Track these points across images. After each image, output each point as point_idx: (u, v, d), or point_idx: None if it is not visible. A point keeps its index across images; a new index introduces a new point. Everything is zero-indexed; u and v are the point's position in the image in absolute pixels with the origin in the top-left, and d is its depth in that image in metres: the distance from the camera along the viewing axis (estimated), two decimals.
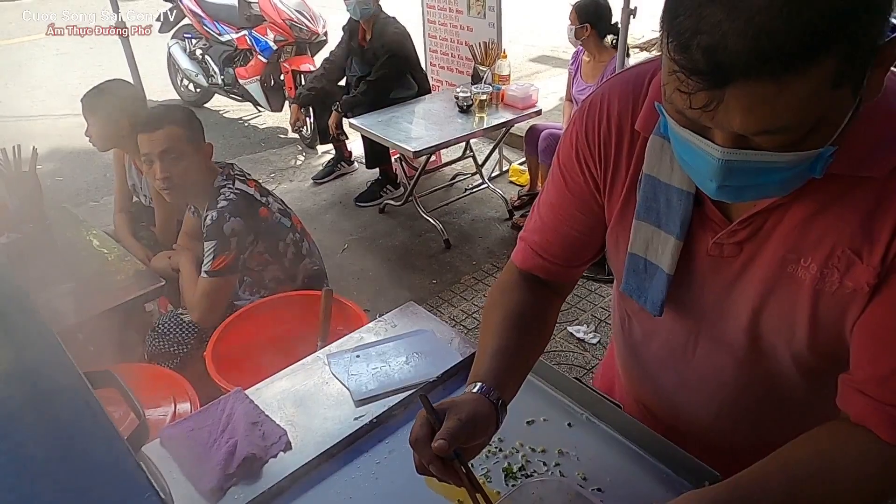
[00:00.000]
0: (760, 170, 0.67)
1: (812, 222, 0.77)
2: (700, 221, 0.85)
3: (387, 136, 3.46)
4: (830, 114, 0.64)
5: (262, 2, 4.85)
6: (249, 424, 1.14)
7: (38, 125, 5.34)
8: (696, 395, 1.00)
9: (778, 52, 0.57)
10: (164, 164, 1.99)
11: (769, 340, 0.86)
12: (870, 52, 0.61)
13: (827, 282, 0.77)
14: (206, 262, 2.04)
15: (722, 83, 0.60)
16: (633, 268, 0.92)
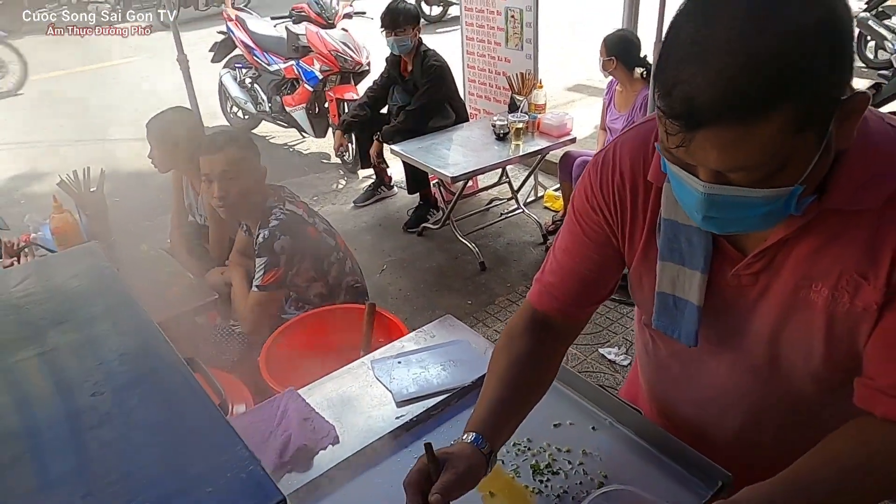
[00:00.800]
0: (739, 204, 0.77)
1: (820, 253, 0.86)
2: (719, 257, 0.94)
3: (426, 161, 3.60)
4: (795, 156, 0.74)
5: (309, 34, 5.08)
6: (302, 420, 1.26)
7: (97, 149, 5.66)
8: (719, 410, 1.09)
9: (741, 101, 0.68)
10: (222, 183, 2.16)
11: (788, 359, 0.95)
12: (829, 105, 0.72)
13: (838, 304, 0.86)
14: (258, 277, 2.19)
15: (696, 126, 0.71)
16: (663, 305, 1.01)
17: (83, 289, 0.87)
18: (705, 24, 0.70)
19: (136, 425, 0.65)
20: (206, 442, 0.64)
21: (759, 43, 0.68)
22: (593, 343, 3.09)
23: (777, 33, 0.68)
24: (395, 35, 3.86)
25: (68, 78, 7.95)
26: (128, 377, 0.71)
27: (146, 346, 0.75)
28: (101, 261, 0.93)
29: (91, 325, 0.80)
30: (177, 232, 2.93)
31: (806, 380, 0.96)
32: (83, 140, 5.90)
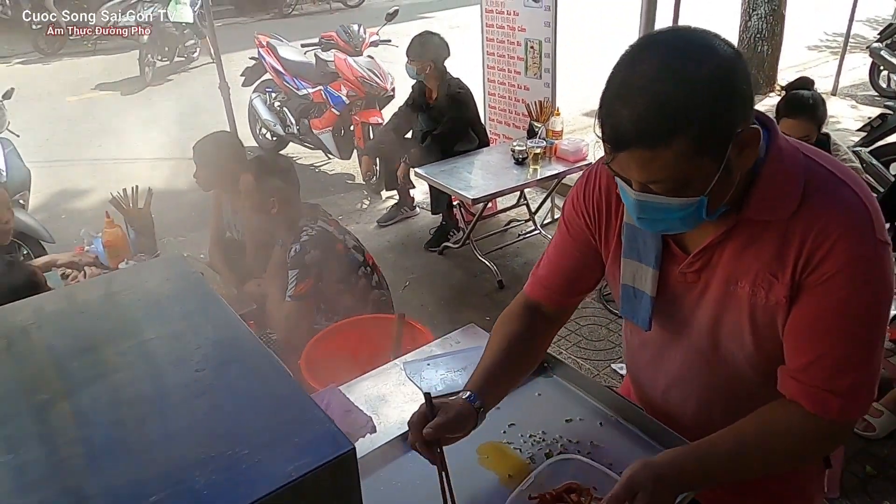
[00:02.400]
0: (660, 208, 0.99)
1: (742, 254, 1.06)
2: (668, 256, 1.15)
3: (448, 184, 3.79)
4: (696, 174, 0.95)
5: (337, 60, 5.33)
6: (343, 412, 1.43)
7: (136, 168, 5.93)
8: (680, 393, 1.27)
9: (649, 132, 0.91)
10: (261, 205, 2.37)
11: (727, 346, 1.14)
12: (723, 137, 0.92)
13: (757, 297, 1.06)
14: (290, 288, 2.38)
15: (620, 148, 0.95)
16: (626, 295, 1.23)
17: (177, 290, 1.05)
18: (629, 73, 0.94)
19: (235, 393, 0.82)
20: (289, 406, 0.81)
21: (664, 89, 0.90)
22: (606, 359, 3.23)
23: (677, 82, 0.90)
24: (411, 62, 4.13)
25: (109, 99, 8.29)
26: (223, 357, 0.88)
27: (234, 335, 0.93)
28: (187, 267, 1.12)
29: (188, 318, 0.98)
30: (215, 247, 3.14)
31: (744, 365, 1.14)
32: (122, 159, 6.18)
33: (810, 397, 1.03)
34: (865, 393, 1.03)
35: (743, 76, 0.94)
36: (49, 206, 5.29)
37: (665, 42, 0.95)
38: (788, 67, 8.04)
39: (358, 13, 13.11)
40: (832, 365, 1.01)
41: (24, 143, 4.49)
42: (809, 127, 2.83)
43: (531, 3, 4.07)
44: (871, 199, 1.01)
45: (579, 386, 1.48)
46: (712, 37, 0.95)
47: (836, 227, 0.97)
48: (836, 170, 1.02)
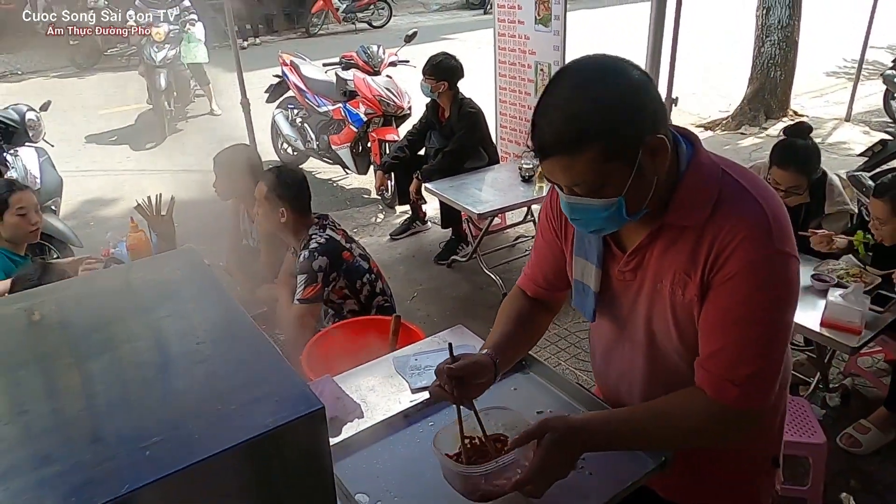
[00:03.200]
0: (585, 209, 1.14)
1: (664, 255, 1.20)
2: (610, 255, 1.30)
3: (457, 199, 3.94)
4: (610, 177, 1.10)
5: (356, 80, 5.54)
6: (335, 398, 1.57)
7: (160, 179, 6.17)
8: (627, 384, 1.41)
9: (563, 141, 1.08)
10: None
11: (660, 340, 1.28)
12: (631, 145, 1.07)
13: (676, 295, 1.19)
14: (299, 292, 2.53)
15: (544, 156, 1.12)
16: (576, 289, 1.39)
17: (187, 278, 1.20)
18: (550, 94, 1.11)
19: (228, 362, 0.97)
20: (273, 373, 0.95)
21: (575, 106, 1.07)
22: None
23: (587, 99, 1.07)
24: (426, 80, 4.34)
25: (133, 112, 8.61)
26: (220, 333, 1.03)
27: (230, 316, 1.08)
28: (198, 258, 1.27)
29: (194, 300, 1.13)
30: (233, 254, 3.31)
31: (675, 357, 1.27)
32: (148, 170, 6.44)
33: (712, 385, 1.17)
34: (760, 385, 1.16)
35: (648, 95, 1.10)
36: (78, 213, 5.54)
37: (580, 67, 1.13)
38: (804, 93, 8.11)
39: (382, 34, 13.43)
40: (731, 357, 1.15)
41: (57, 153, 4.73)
42: (797, 178, 2.81)
43: (541, 27, 4.23)
44: (777, 212, 1.14)
45: (553, 382, 1.60)
46: (622, 62, 1.12)
47: (738, 233, 1.11)
48: (748, 184, 1.16)
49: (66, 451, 0.81)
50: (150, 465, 0.77)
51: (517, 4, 4.37)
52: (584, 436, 1.19)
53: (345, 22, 14.18)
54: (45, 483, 0.76)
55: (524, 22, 4.37)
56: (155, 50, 7.51)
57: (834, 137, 6.69)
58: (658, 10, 3.71)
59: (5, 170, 4.05)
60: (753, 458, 1.41)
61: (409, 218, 5.07)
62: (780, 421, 1.42)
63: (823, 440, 2.44)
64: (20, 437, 0.84)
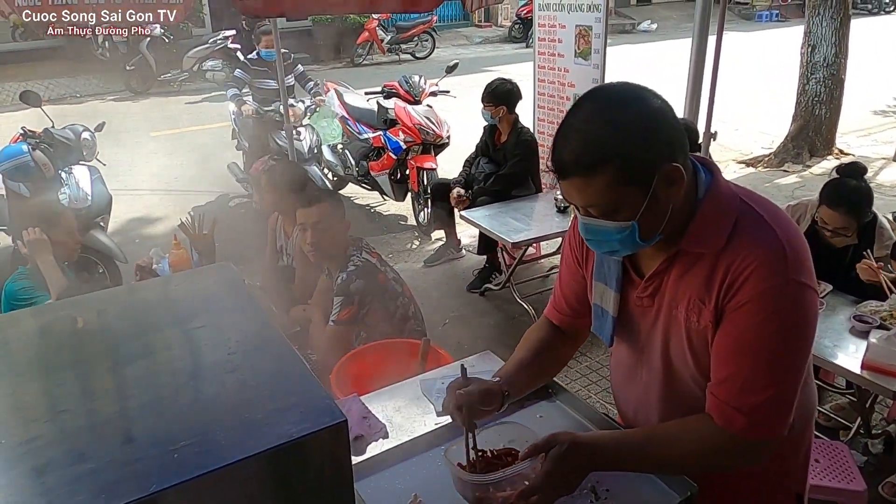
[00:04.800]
0: (600, 231, 1.16)
1: (680, 281, 1.20)
2: (628, 280, 1.30)
3: (491, 227, 3.96)
4: (624, 202, 1.11)
5: (397, 108, 5.64)
6: (361, 417, 1.59)
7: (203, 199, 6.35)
8: (644, 408, 1.40)
9: (580, 162, 1.10)
10: (315, 232, 2.59)
11: (676, 366, 1.28)
12: (646, 171, 1.09)
13: (691, 321, 1.19)
14: (334, 314, 2.57)
15: (562, 176, 1.14)
16: (596, 313, 1.39)
17: (220, 291, 1.25)
18: (571, 117, 1.14)
19: (257, 372, 1.00)
20: (299, 385, 0.97)
21: (593, 128, 1.10)
22: None
23: (604, 123, 1.09)
24: (486, 107, 4.41)
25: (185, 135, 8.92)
26: (252, 345, 1.06)
27: (262, 330, 1.11)
28: (233, 274, 1.32)
29: (226, 313, 1.17)
30: (269, 273, 3.38)
31: (691, 384, 1.26)
32: (192, 191, 6.64)
33: (719, 412, 1.16)
34: (769, 414, 1.14)
35: (666, 123, 1.13)
36: (125, 231, 5.73)
37: (601, 92, 1.17)
38: (851, 131, 7.96)
39: (425, 65, 13.68)
40: (740, 384, 1.14)
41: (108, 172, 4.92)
42: (847, 220, 2.69)
43: (581, 60, 4.27)
44: (794, 242, 1.14)
45: (579, 411, 1.59)
46: (643, 90, 1.15)
47: (753, 261, 1.11)
48: (766, 213, 1.17)
49: (100, 450, 0.84)
50: (177, 467, 0.80)
51: (558, 38, 4.43)
52: (592, 452, 1.19)
53: (389, 53, 14.49)
54: (78, 479, 0.79)
55: (564, 55, 4.42)
56: (295, 138, 5.37)
57: (881, 178, 6.54)
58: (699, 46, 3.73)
59: (59, 186, 4.23)
60: (775, 495, 1.38)
61: (444, 246, 5.10)
62: (803, 458, 1.39)
63: (864, 488, 2.36)
64: (58, 435, 0.88)
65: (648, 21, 17.42)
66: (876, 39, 11.66)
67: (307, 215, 2.62)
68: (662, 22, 17.85)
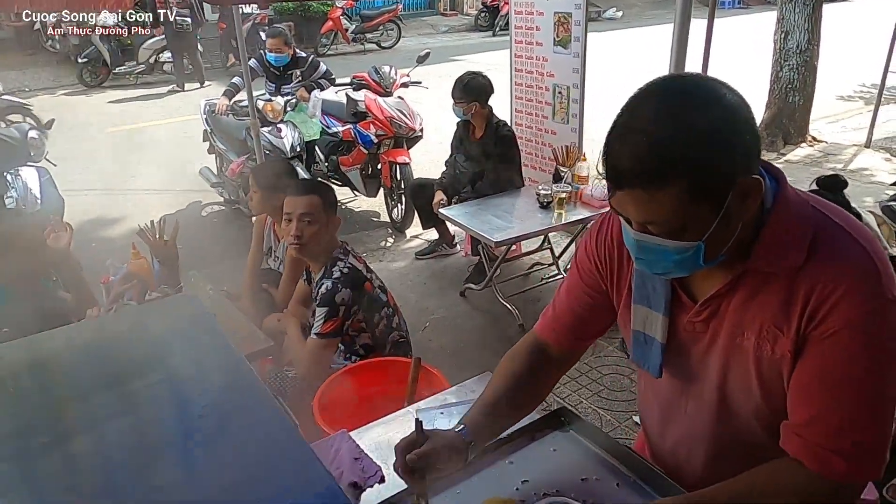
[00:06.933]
0: (657, 250, 0.98)
1: (747, 305, 1.04)
2: (677, 304, 1.13)
3: (471, 225, 3.78)
4: (693, 219, 0.94)
5: (367, 100, 5.40)
6: (352, 459, 1.39)
7: (165, 198, 6.04)
8: (688, 447, 1.24)
9: (644, 172, 0.92)
10: (300, 224, 2.38)
11: (735, 399, 1.11)
12: (721, 184, 0.92)
13: (763, 350, 1.03)
14: (317, 326, 2.35)
15: (618, 187, 0.96)
16: (637, 341, 1.21)
17: (184, 330, 1.04)
18: (632, 115, 0.95)
19: (235, 444, 0.80)
20: (290, 461, 0.78)
21: (663, 132, 0.91)
22: (627, 410, 3.14)
23: (676, 126, 0.90)
24: (457, 103, 4.17)
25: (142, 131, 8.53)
26: (228, 404, 0.87)
27: (242, 381, 0.91)
28: (198, 307, 1.11)
29: (192, 360, 0.97)
30: (249, 277, 3.14)
31: (752, 420, 1.10)
32: (152, 190, 6.31)
33: (813, 456, 1.00)
34: (873, 455, 0.99)
35: (746, 127, 0.95)
36: (80, 234, 5.33)
37: (670, 87, 0.97)
38: (821, 118, 7.97)
39: (391, 55, 13.40)
40: (836, 423, 0.98)
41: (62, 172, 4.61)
42: None
43: (560, 49, 4.11)
44: (883, 255, 0.99)
45: (596, 443, 1.42)
46: (719, 85, 0.96)
47: (843, 282, 0.95)
48: (846, 224, 1.01)
49: None
50: None
51: (535, 25, 4.25)
52: None
53: (354, 43, 14.16)
54: None
55: (542, 43, 4.25)
56: (276, 135, 5.19)
57: (855, 164, 6.54)
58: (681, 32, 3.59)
59: (5, 190, 3.92)
60: None
61: (436, 241, 4.91)
62: None
63: (876, 496, 2.25)
64: None
65: (614, 9, 17.35)
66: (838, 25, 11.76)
67: (294, 205, 2.40)
68: (627, 10, 17.83)
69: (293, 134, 5.35)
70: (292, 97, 5.52)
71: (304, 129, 5.56)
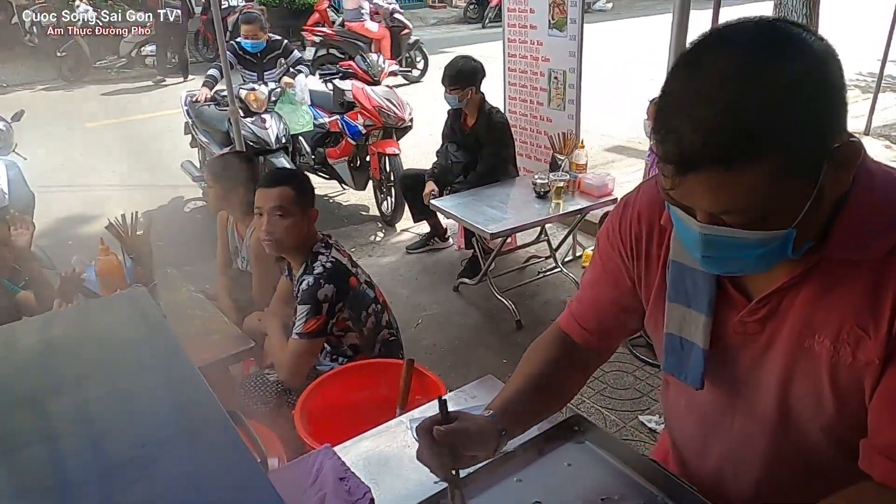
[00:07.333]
0: (734, 244, 0.79)
1: (821, 301, 0.85)
2: (725, 301, 0.95)
3: (466, 217, 3.61)
4: (784, 201, 0.75)
5: (355, 90, 5.21)
6: (337, 479, 1.21)
7: (145, 194, 5.83)
8: (736, 466, 1.06)
9: (724, 147, 0.72)
10: (272, 218, 2.19)
11: (798, 412, 0.93)
12: (817, 154, 0.73)
13: (841, 356, 0.85)
14: (299, 325, 2.17)
15: (686, 170, 0.75)
16: (671, 347, 1.03)
17: (131, 335, 0.86)
18: (698, 76, 0.75)
19: (181, 480, 0.62)
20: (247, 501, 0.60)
21: (743, 96, 0.71)
22: (632, 410, 2.98)
23: (760, 87, 0.71)
24: (451, 91, 3.95)
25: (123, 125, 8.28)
26: (173, 430, 0.69)
27: (192, 399, 0.73)
28: (149, 307, 0.93)
29: (138, 374, 0.78)
30: (222, 277, 2.96)
31: (820, 438, 0.93)
32: (132, 185, 6.10)
33: None
34: None
35: (840, 78, 0.76)
36: (56, 232, 5.17)
37: (741, 35, 0.76)
38: None
39: None
40: None
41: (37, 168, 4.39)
42: None
43: (556, 32, 3.93)
44: None
45: (616, 455, 1.25)
46: (800, 28, 0.77)
47: None
48: None
49: None
50: None
51: (529, 8, 4.08)
52: None
53: None
54: None
55: (536, 27, 4.07)
56: (261, 126, 4.91)
57: None
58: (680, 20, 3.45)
59: None
60: None
61: (429, 233, 4.73)
62: None
63: None
64: None
65: (604, 0, 17.20)
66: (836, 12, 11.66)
67: (264, 198, 2.21)
68: (617, 1, 17.67)
69: (278, 125, 5.09)
70: (277, 87, 5.29)
71: (291, 120, 5.33)
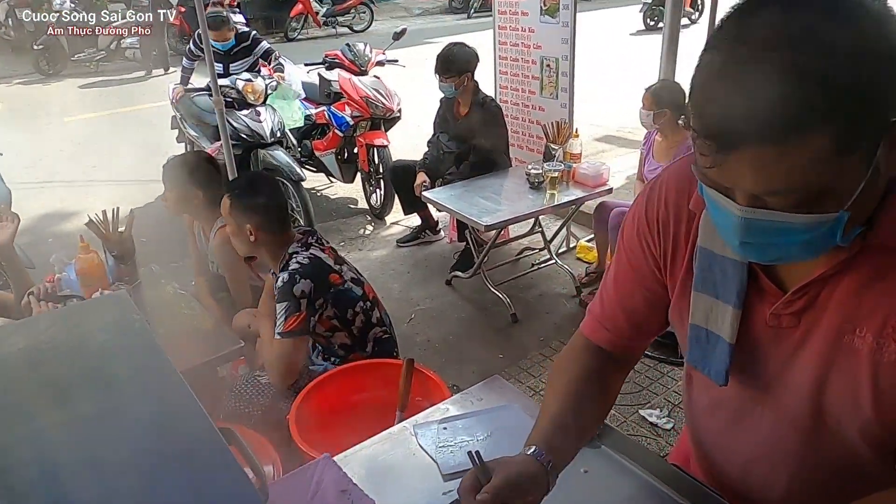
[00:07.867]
0: (778, 229, 0.71)
1: (864, 292, 0.78)
2: (756, 292, 0.87)
3: (459, 209, 3.52)
4: (838, 180, 0.68)
5: (341, 80, 5.09)
6: (339, 492, 1.13)
7: (128, 189, 5.68)
8: (764, 468, 0.99)
9: (773, 122, 0.64)
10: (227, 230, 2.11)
11: (833, 413, 0.86)
12: (878, 128, 0.65)
13: (884, 352, 0.78)
14: (279, 324, 2.09)
15: (729, 146, 0.67)
16: (696, 338, 0.95)
17: (112, 344, 0.76)
18: (740, 41, 0.67)
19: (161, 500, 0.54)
20: None
21: (798, 60, 0.63)
22: (633, 404, 2.92)
23: (817, 50, 0.63)
24: (445, 80, 3.85)
25: (102, 120, 8.10)
26: (158, 453, 0.60)
27: (179, 416, 0.65)
28: (131, 311, 0.83)
29: (120, 388, 0.69)
30: (199, 278, 2.86)
31: (856, 439, 0.86)
32: (114, 180, 5.95)
33: None
34: None
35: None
36: (35, 229, 5.03)
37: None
38: None
39: (363, 38, 13.00)
40: None
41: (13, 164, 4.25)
42: None
43: (548, 18, 3.84)
44: None
45: (636, 461, 1.18)
46: None
47: None
48: None
49: None
50: None
51: None
52: None
53: (325, 26, 13.76)
54: None
55: (528, 13, 3.99)
56: (255, 119, 4.68)
57: None
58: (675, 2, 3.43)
59: None
60: None
61: (420, 226, 4.63)
62: None
63: None
64: None
65: None
66: None
67: (222, 206, 2.14)
68: None
69: (273, 118, 4.91)
70: (272, 80, 5.14)
71: (284, 115, 5.19)
